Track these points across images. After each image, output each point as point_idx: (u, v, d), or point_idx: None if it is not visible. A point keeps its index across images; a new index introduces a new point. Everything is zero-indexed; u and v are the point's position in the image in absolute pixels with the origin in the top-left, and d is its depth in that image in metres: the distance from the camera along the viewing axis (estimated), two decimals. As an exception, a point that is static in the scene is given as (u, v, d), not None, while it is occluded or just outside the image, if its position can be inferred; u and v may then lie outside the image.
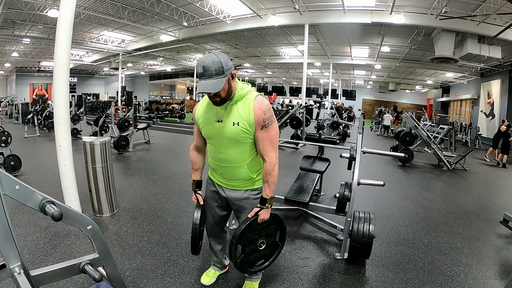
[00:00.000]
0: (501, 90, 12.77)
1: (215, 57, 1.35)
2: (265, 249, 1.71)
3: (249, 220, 1.58)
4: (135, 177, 4.61)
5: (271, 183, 1.56)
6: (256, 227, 1.61)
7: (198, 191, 1.82)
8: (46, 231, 2.67)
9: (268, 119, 1.50)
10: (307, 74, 17.08)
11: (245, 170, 1.61)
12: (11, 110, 15.14)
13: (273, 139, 1.54)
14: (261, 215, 1.58)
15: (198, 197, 1.82)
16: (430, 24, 8.47)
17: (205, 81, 1.35)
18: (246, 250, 1.63)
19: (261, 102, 1.49)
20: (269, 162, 1.54)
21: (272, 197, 1.59)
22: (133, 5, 9.73)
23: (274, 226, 1.71)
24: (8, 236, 1.10)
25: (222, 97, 1.44)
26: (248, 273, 1.73)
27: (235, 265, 1.63)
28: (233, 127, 1.50)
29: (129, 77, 28.68)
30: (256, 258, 1.70)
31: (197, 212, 1.79)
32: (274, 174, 1.56)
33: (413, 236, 3.02)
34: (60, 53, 2.76)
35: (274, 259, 1.80)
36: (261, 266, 1.76)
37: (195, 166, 1.81)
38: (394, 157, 7.19)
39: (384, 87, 24.71)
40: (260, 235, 1.66)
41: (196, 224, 1.76)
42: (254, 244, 1.65)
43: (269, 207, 1.59)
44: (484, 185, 5.64)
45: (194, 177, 1.82)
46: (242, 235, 1.57)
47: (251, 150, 1.59)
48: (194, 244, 1.79)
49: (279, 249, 1.80)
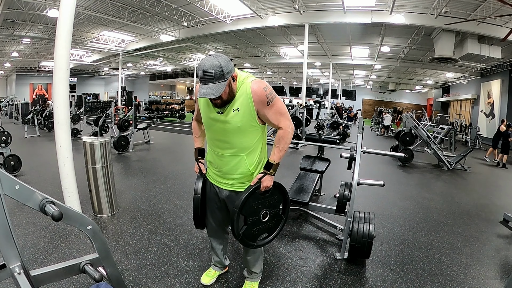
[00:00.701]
0: (501, 90, 12.77)
1: (215, 60, 1.34)
2: (268, 221, 1.65)
3: (251, 187, 1.53)
4: (135, 177, 4.61)
5: (282, 149, 1.55)
6: (259, 196, 1.57)
7: (200, 159, 1.83)
8: (46, 231, 2.66)
9: (270, 94, 1.50)
10: (307, 74, 17.07)
11: (244, 162, 1.59)
12: (11, 110, 15.14)
13: (282, 110, 1.55)
14: (265, 182, 1.54)
15: (200, 166, 1.81)
16: (430, 24, 8.47)
17: (206, 86, 1.35)
18: (248, 221, 1.58)
19: (259, 82, 1.50)
20: (284, 129, 1.54)
21: (278, 164, 1.57)
22: (133, 5, 9.73)
23: (277, 196, 1.66)
24: (8, 236, 1.10)
25: (223, 100, 1.44)
26: (250, 246, 1.66)
27: (237, 237, 1.57)
28: (233, 114, 1.49)
29: (129, 77, 28.68)
30: (259, 230, 1.64)
31: (198, 182, 1.76)
32: (287, 141, 1.55)
33: (413, 236, 3.02)
34: (60, 53, 2.76)
35: (277, 233, 1.73)
36: (264, 240, 1.71)
37: (197, 134, 1.85)
38: (394, 157, 7.19)
39: (384, 87, 24.71)
40: (263, 205, 1.60)
41: (197, 193, 1.73)
42: (256, 214, 1.60)
43: (273, 173, 1.56)
44: (484, 185, 5.64)
45: (197, 145, 1.85)
46: (244, 203, 1.52)
47: (251, 140, 1.58)
48: (197, 215, 1.75)
49: (282, 222, 1.73)
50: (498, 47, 9.18)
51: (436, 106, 21.82)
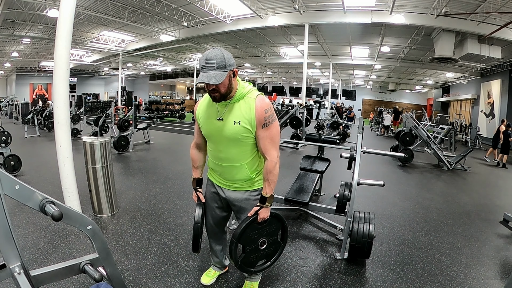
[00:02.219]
0: (501, 90, 12.77)
1: (218, 51, 1.38)
2: (266, 248, 1.69)
3: (249, 219, 1.58)
4: (135, 177, 4.61)
5: (272, 181, 1.56)
6: (257, 226, 1.61)
7: (198, 189, 1.82)
8: (46, 231, 2.67)
9: (269, 117, 1.50)
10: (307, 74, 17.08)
11: (245, 170, 1.60)
12: (11, 110, 15.14)
13: (274, 138, 1.54)
14: (261, 214, 1.57)
15: (199, 195, 1.81)
16: (430, 24, 8.47)
17: (206, 73, 1.36)
18: (246, 250, 1.62)
19: (263, 101, 1.50)
20: (270, 161, 1.54)
21: (272, 196, 1.59)
22: (133, 5, 9.73)
23: (275, 225, 1.69)
24: (8, 236, 1.10)
25: (221, 93, 1.43)
26: (249, 272, 1.72)
27: (236, 264, 1.62)
28: (233, 126, 1.49)
29: (129, 77, 28.69)
30: (257, 257, 1.69)
31: (198, 210, 1.78)
32: (275, 173, 1.56)
33: (413, 236, 3.02)
34: (60, 53, 2.76)
35: (276, 259, 1.78)
36: (263, 266, 1.75)
37: (195, 164, 1.81)
38: (394, 157, 7.19)
39: (384, 87, 24.72)
40: (261, 234, 1.64)
41: (197, 222, 1.75)
42: (254, 243, 1.64)
43: (269, 206, 1.58)
44: (484, 185, 5.64)
45: (195, 175, 1.82)
46: (242, 234, 1.57)
47: (252, 149, 1.59)
48: (196, 242, 1.78)
49: (281, 248, 1.78)
50: (498, 47, 9.18)
51: (436, 106, 21.81)
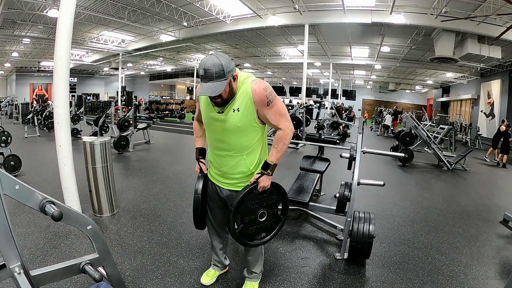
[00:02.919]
0: (501, 90, 12.77)
1: (216, 59, 1.36)
2: (266, 221, 1.64)
3: (249, 187, 1.53)
4: (135, 177, 4.61)
5: (280, 150, 1.55)
6: (256, 196, 1.56)
7: (201, 159, 1.83)
8: (46, 231, 2.67)
9: (270, 94, 1.51)
10: (307, 74, 17.07)
11: (244, 162, 1.60)
12: (11, 110, 15.14)
13: (282, 110, 1.55)
14: (262, 182, 1.55)
15: (201, 166, 1.81)
16: (430, 24, 8.47)
17: (206, 84, 1.37)
18: (245, 220, 1.56)
19: (259, 82, 1.51)
20: (283, 130, 1.54)
21: (276, 165, 1.57)
22: (133, 5, 9.73)
23: (276, 196, 1.65)
24: (8, 236, 1.10)
25: (223, 99, 1.45)
26: (247, 245, 1.66)
27: (233, 235, 1.56)
28: (233, 114, 1.50)
29: (129, 77, 28.68)
30: (256, 230, 1.63)
31: (199, 182, 1.76)
32: (286, 142, 1.55)
33: (413, 236, 3.02)
34: (60, 53, 2.76)
35: (275, 233, 1.72)
36: (262, 240, 1.69)
37: (198, 134, 1.85)
38: (394, 157, 7.19)
39: (384, 87, 24.72)
40: (261, 205, 1.60)
41: (198, 193, 1.73)
42: (254, 214, 1.58)
43: (270, 173, 1.56)
44: (484, 185, 5.64)
45: (198, 145, 1.85)
46: (241, 203, 1.52)
47: (251, 140, 1.58)
48: (197, 216, 1.75)
49: (281, 222, 1.72)
50: (498, 47, 9.18)
51: (436, 106, 21.82)
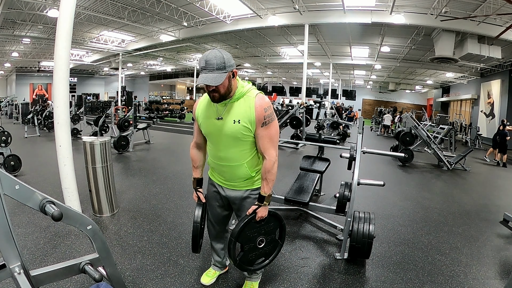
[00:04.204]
0: (501, 90, 12.77)
1: (218, 52, 1.39)
2: (265, 247, 1.70)
3: (247, 217, 1.58)
4: (135, 177, 4.61)
5: (270, 180, 1.57)
6: (255, 225, 1.61)
7: (199, 189, 1.82)
8: (46, 231, 2.67)
9: (269, 116, 1.50)
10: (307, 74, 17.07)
11: (245, 169, 1.61)
12: (11, 110, 15.13)
13: (273, 137, 1.54)
14: (259, 213, 1.58)
15: (199, 195, 1.81)
16: (430, 24, 8.46)
17: (206, 74, 1.37)
18: (245, 248, 1.63)
19: (262, 100, 1.50)
20: (268, 160, 1.54)
21: (270, 195, 1.59)
22: (133, 5, 9.73)
23: (273, 224, 1.70)
24: (8, 236, 1.10)
25: (221, 93, 1.44)
26: (248, 271, 1.72)
27: (234, 263, 1.63)
28: (233, 125, 1.50)
29: (129, 77, 28.68)
30: (256, 256, 1.69)
31: (198, 210, 1.79)
32: (273, 172, 1.56)
33: (413, 236, 3.02)
34: (60, 53, 2.76)
35: (274, 257, 1.79)
36: (261, 264, 1.75)
37: (195, 164, 1.81)
38: (394, 157, 7.19)
39: (384, 87, 24.70)
40: (259, 233, 1.65)
41: (197, 222, 1.76)
42: (253, 242, 1.64)
43: (267, 204, 1.59)
44: (484, 185, 5.64)
45: (195, 175, 1.82)
46: (240, 233, 1.57)
47: (252, 148, 1.59)
48: (195, 242, 1.79)
49: (279, 247, 1.78)
50: (498, 47, 9.17)
51: (436, 106, 21.81)
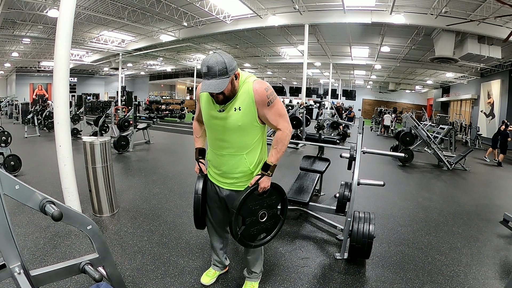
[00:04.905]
0: (501, 90, 12.77)
1: (219, 57, 1.39)
2: (266, 221, 1.67)
3: (249, 188, 1.56)
4: (135, 177, 4.61)
5: (280, 150, 1.57)
6: (257, 197, 1.59)
7: (201, 159, 1.83)
8: (46, 231, 2.67)
9: (271, 94, 1.53)
10: (307, 74, 17.06)
11: (244, 161, 1.60)
12: (11, 110, 15.13)
13: (281, 111, 1.57)
14: (262, 183, 1.57)
15: (201, 166, 1.82)
16: (430, 24, 8.47)
17: (209, 81, 1.38)
18: (246, 222, 1.60)
19: (260, 82, 1.53)
20: (282, 131, 1.57)
21: (275, 166, 1.59)
22: (133, 5, 9.73)
23: (275, 197, 1.68)
24: (8, 236, 1.10)
25: (225, 96, 1.47)
26: (249, 246, 1.68)
27: (236, 237, 1.59)
28: (234, 113, 1.51)
29: (129, 77, 28.69)
30: (258, 231, 1.67)
31: (199, 182, 1.78)
32: (285, 143, 1.58)
33: (413, 236, 3.02)
34: (60, 53, 2.76)
35: (276, 233, 1.75)
36: (263, 240, 1.73)
37: (198, 134, 1.86)
38: (394, 157, 7.19)
39: (384, 87, 24.71)
40: (261, 206, 1.63)
41: (198, 193, 1.74)
42: (255, 215, 1.62)
43: (270, 174, 1.58)
44: (484, 185, 5.64)
45: (197, 145, 1.86)
46: (242, 204, 1.55)
47: (252, 139, 1.59)
48: (197, 216, 1.77)
49: (280, 222, 1.76)
50: (498, 47, 9.18)
51: (436, 106, 21.81)
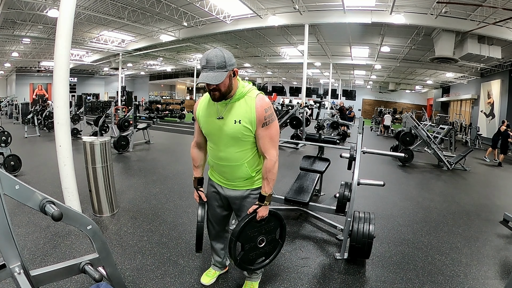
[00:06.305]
0: (501, 90, 12.77)
1: (219, 51, 1.39)
2: (265, 246, 1.70)
3: (248, 217, 1.59)
4: (135, 177, 4.61)
5: (271, 180, 1.57)
6: (255, 224, 1.62)
7: (200, 188, 1.82)
8: (46, 231, 2.67)
9: (269, 117, 1.51)
10: (307, 74, 17.07)
11: (245, 169, 1.61)
12: (11, 110, 15.13)
13: (274, 137, 1.55)
14: (260, 212, 1.59)
15: (201, 194, 1.81)
16: (430, 24, 8.47)
17: (207, 73, 1.38)
18: (245, 248, 1.63)
19: (263, 100, 1.51)
20: (269, 159, 1.55)
21: (271, 195, 1.60)
22: (133, 5, 9.73)
23: (274, 223, 1.70)
24: (8, 236, 1.10)
25: (221, 92, 1.44)
26: (248, 270, 1.72)
27: (235, 262, 1.63)
28: (234, 125, 1.50)
29: (129, 77, 28.68)
30: (256, 255, 1.70)
31: (200, 210, 1.79)
32: (274, 172, 1.57)
33: (413, 236, 3.02)
34: (60, 53, 2.76)
35: (274, 256, 1.79)
36: (262, 263, 1.75)
37: (196, 163, 1.81)
38: (394, 157, 7.19)
39: (384, 87, 24.71)
40: (260, 232, 1.65)
41: (201, 221, 1.76)
42: (253, 241, 1.65)
43: (267, 204, 1.60)
44: (484, 185, 5.63)
45: (196, 174, 1.82)
46: (241, 232, 1.58)
47: (252, 148, 1.59)
48: (200, 242, 1.79)
49: (279, 246, 1.79)
50: (498, 47, 9.18)
51: (436, 106, 21.82)
